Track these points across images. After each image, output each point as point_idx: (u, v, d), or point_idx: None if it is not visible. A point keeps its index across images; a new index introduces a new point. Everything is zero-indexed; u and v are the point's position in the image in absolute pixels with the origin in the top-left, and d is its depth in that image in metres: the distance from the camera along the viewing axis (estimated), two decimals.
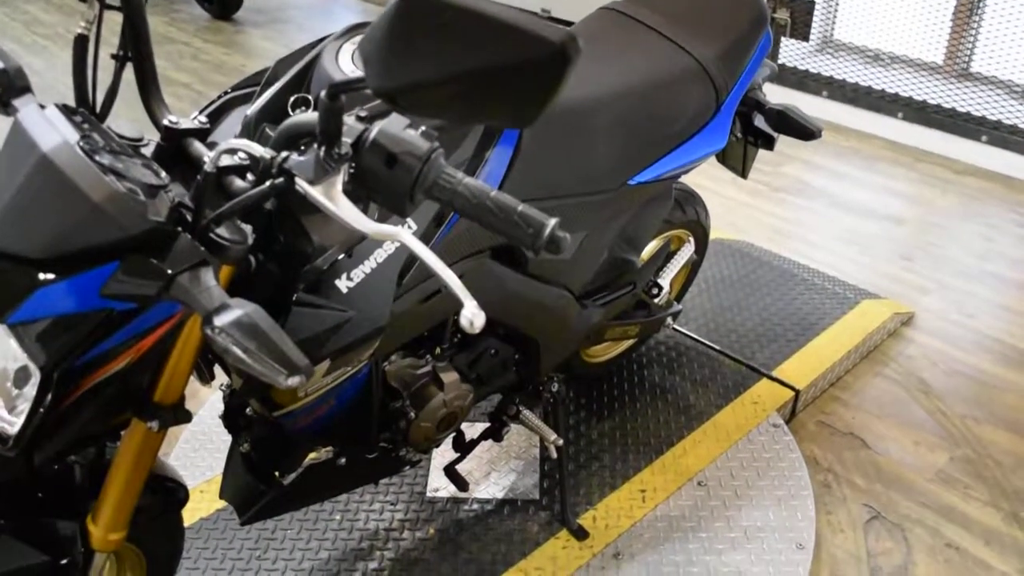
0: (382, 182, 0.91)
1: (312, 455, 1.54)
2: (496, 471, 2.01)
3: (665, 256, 1.94)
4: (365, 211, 1.04)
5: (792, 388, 2.26)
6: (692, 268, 2.25)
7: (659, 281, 1.91)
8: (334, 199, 0.90)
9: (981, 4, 3.65)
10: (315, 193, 0.90)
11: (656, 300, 1.93)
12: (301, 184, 0.91)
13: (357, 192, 0.93)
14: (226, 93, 1.34)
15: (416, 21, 0.74)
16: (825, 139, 3.90)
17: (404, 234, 0.88)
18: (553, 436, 1.75)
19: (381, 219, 1.18)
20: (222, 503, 1.90)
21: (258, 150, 0.96)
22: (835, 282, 2.77)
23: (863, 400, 2.36)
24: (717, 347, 2.41)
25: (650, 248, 2.11)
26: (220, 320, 0.91)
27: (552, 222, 0.88)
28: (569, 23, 5.35)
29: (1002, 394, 2.39)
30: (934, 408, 2.34)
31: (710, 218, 2.18)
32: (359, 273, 1.16)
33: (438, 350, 1.54)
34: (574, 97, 1.49)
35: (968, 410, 2.33)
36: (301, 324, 1.13)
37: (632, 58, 1.59)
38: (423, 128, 0.91)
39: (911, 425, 2.27)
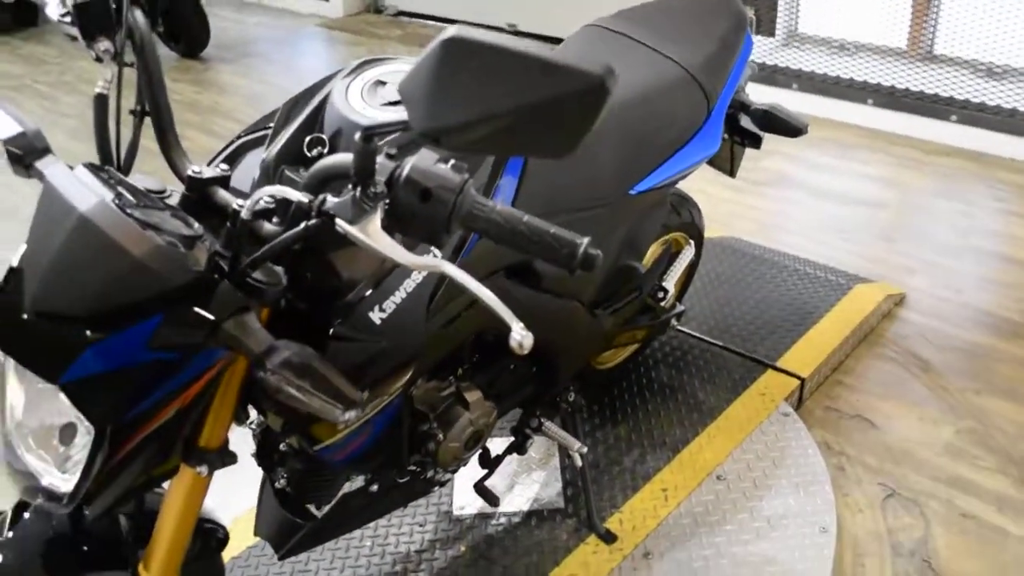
0: (418, 216, 0.94)
1: (346, 485, 1.57)
2: (519, 484, 2.04)
3: (667, 259, 1.99)
4: None
5: (797, 377, 2.31)
6: (691, 269, 2.30)
7: (664, 284, 1.96)
8: (374, 236, 0.94)
9: None
10: (356, 232, 0.93)
11: (662, 303, 1.97)
12: (342, 224, 0.94)
13: (392, 227, 0.97)
14: (239, 137, 1.37)
15: (457, 63, 0.78)
16: None
17: (447, 265, 0.92)
18: (577, 444, 1.79)
19: (408, 250, 1.22)
20: (252, 540, 1.91)
21: (295, 195, 0.99)
22: (826, 269, 2.83)
23: (866, 382, 2.41)
24: (720, 343, 2.46)
25: (651, 253, 2.16)
26: (272, 361, 0.94)
27: (585, 241, 0.92)
28: (537, 36, 5.41)
29: (998, 364, 2.46)
30: (934, 384, 2.40)
31: (703, 219, 2.22)
32: (390, 304, 1.19)
33: (460, 371, 1.58)
34: None
35: (967, 383, 2.39)
36: (338, 358, 1.16)
37: (623, 71, 1.63)
38: (452, 161, 0.95)
39: (915, 402, 2.33)
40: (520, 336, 0.88)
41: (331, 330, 1.16)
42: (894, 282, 2.83)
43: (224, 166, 1.21)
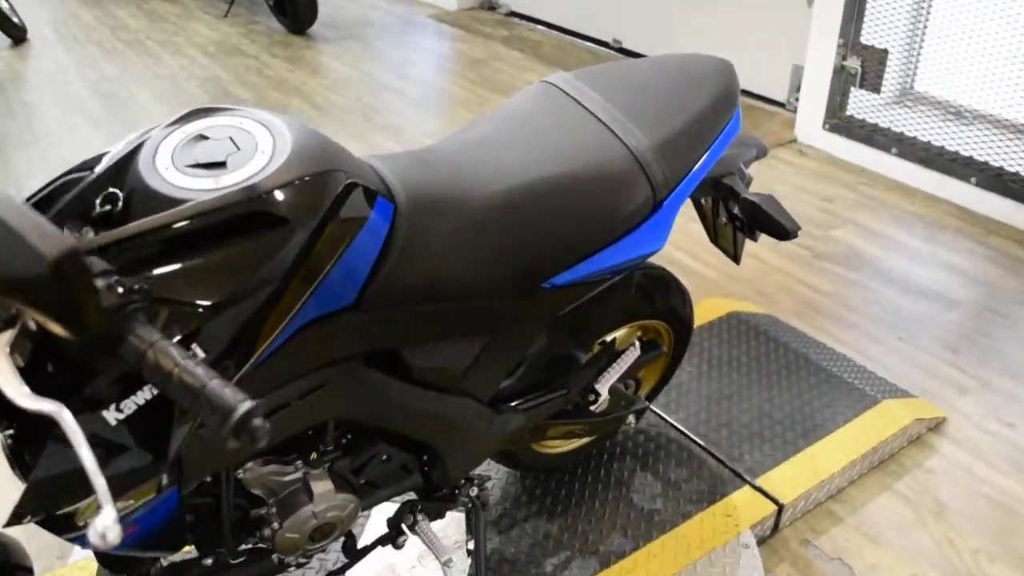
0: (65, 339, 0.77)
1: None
2: (423, 566, 1.85)
3: (607, 358, 1.73)
4: None
5: (775, 502, 2.01)
6: (671, 361, 2.03)
7: (596, 387, 1.70)
8: None
9: None
10: None
11: (593, 407, 1.72)
12: None
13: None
14: (61, 176, 1.22)
15: None
16: (888, 200, 3.57)
17: (60, 412, 0.74)
18: (445, 557, 1.58)
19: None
20: None
21: None
22: (859, 373, 2.49)
23: (863, 519, 2.08)
24: (702, 443, 2.18)
25: (623, 338, 1.92)
26: None
27: (242, 409, 0.72)
28: (639, 55, 5.13)
29: None
30: (943, 537, 2.04)
31: (690, 305, 1.95)
32: (131, 404, 1.02)
33: (314, 455, 1.39)
34: (477, 186, 1.31)
35: (983, 543, 2.03)
36: (56, 459, 1.00)
37: (555, 145, 1.39)
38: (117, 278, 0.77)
39: (912, 554, 1.99)
40: (103, 526, 0.69)
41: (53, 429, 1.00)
42: (939, 400, 2.46)
43: None
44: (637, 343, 1.75)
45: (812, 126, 3.99)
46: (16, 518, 0.96)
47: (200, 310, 1.00)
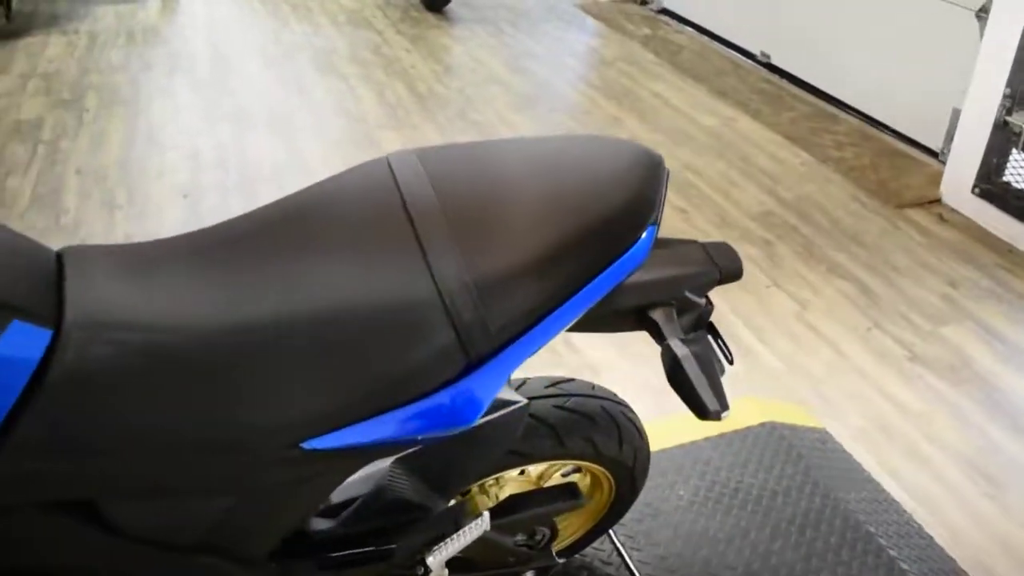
0: None
1: None
2: None
3: (454, 519, 1.29)
4: None
5: None
6: (610, 511, 1.58)
7: (427, 559, 1.28)
8: None
9: None
10: None
11: None
12: None
13: None
14: None
15: None
16: None
17: None
18: None
19: None
20: None
21: None
22: (912, 544, 1.92)
23: None
24: None
25: (545, 475, 1.51)
26: None
27: None
28: (788, 75, 4.49)
29: None
30: None
31: (638, 446, 1.49)
32: None
33: None
34: (203, 307, 0.95)
35: None
36: None
37: (334, 260, 0.99)
38: None
39: None
40: None
41: None
42: None
43: None
44: (486, 515, 1.32)
45: (960, 187, 3.29)
46: None
47: None
